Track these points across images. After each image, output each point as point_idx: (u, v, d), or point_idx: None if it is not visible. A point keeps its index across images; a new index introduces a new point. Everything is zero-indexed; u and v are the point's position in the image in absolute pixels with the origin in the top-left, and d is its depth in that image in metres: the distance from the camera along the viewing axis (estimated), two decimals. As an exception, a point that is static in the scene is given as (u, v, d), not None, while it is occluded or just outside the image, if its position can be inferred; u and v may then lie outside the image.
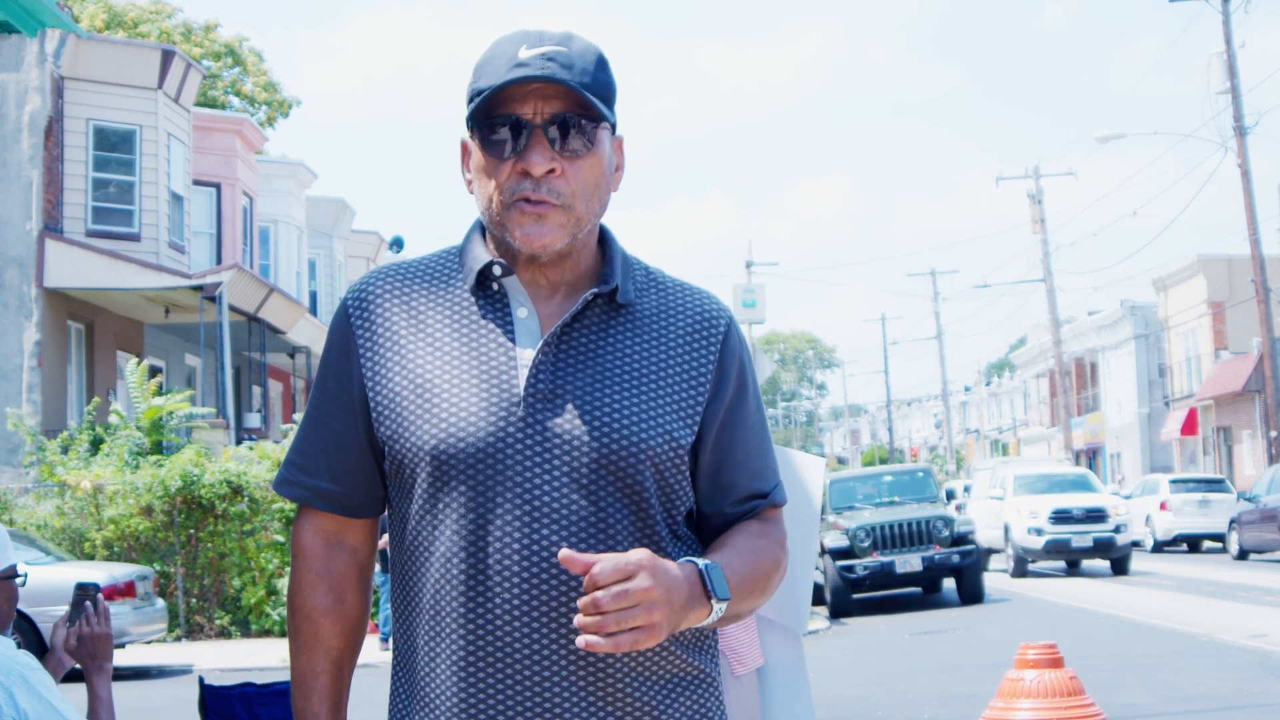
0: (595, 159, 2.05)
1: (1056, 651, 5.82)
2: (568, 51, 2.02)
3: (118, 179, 23.30)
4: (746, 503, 2.12)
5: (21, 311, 21.53)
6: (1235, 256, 43.85)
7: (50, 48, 22.09)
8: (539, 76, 1.99)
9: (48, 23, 8.58)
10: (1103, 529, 24.55)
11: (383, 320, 2.10)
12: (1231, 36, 32.54)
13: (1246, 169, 32.23)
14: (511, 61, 2.01)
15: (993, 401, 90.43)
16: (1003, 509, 26.18)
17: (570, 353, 2.04)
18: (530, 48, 2.01)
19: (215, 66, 39.93)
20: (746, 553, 2.05)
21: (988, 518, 26.73)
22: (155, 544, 18.62)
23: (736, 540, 2.07)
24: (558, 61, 2.00)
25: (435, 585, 2.02)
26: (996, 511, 26.55)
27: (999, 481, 27.94)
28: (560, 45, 2.03)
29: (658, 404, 2.04)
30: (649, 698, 2.01)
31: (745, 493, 2.12)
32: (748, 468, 2.12)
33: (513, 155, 2.01)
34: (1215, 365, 44.93)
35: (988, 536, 26.14)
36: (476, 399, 2.01)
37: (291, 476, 2.16)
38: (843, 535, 19.39)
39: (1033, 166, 48.36)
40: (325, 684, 2.13)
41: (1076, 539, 24.48)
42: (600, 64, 2.06)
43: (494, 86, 2.00)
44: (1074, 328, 58.98)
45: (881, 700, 11.23)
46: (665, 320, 2.11)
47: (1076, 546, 24.61)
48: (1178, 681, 11.33)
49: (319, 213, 34.14)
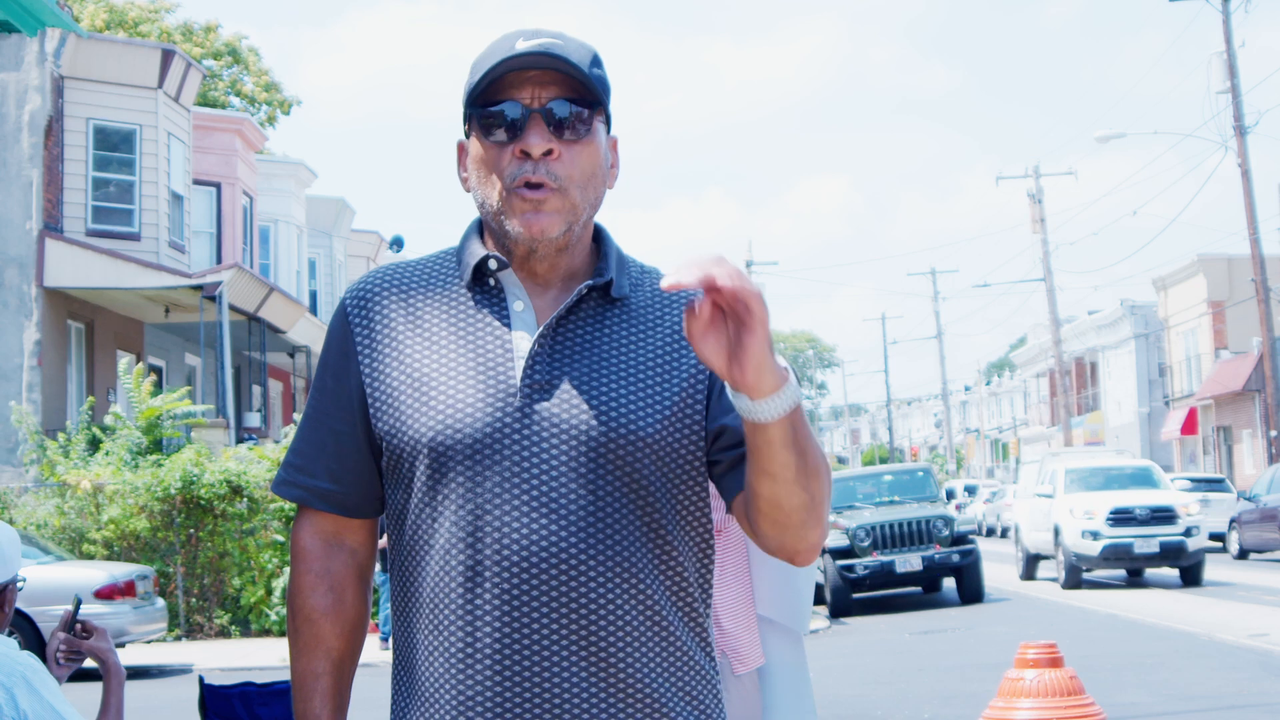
0: (591, 147, 2.08)
1: (1056, 651, 5.82)
2: (563, 44, 2.06)
3: (118, 178, 23.30)
4: None
5: (21, 311, 21.52)
6: (1235, 256, 43.87)
7: (50, 47, 22.09)
8: (536, 52, 2.02)
9: (48, 22, 8.58)
10: (1171, 532, 20.97)
11: (381, 319, 2.12)
12: (1231, 36, 32.55)
13: (1246, 168, 32.22)
14: (509, 54, 2.04)
15: (993, 401, 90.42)
16: (1052, 508, 22.48)
17: (566, 344, 2.06)
18: (526, 40, 2.05)
19: (215, 66, 39.93)
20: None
21: (1035, 518, 23.49)
22: (155, 543, 18.62)
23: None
24: (553, 52, 2.04)
25: (435, 578, 2.02)
26: (1045, 511, 22.85)
27: (1048, 476, 23.95)
28: (555, 39, 2.07)
29: (654, 393, 2.05)
30: (650, 687, 2.01)
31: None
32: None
33: (511, 141, 2.04)
34: (1215, 365, 44.92)
35: (1035, 541, 23.60)
36: (473, 390, 2.02)
37: (290, 477, 2.16)
38: (843, 535, 19.37)
39: (1033, 166, 48.38)
40: (326, 685, 2.13)
41: (1140, 544, 20.97)
42: (595, 60, 2.09)
43: (492, 69, 2.03)
44: (1074, 327, 58.99)
45: (882, 699, 11.23)
46: (660, 313, 2.13)
47: (1140, 553, 21.05)
48: (1178, 681, 11.32)
49: (319, 212, 34.15)
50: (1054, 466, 24.03)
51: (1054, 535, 22.22)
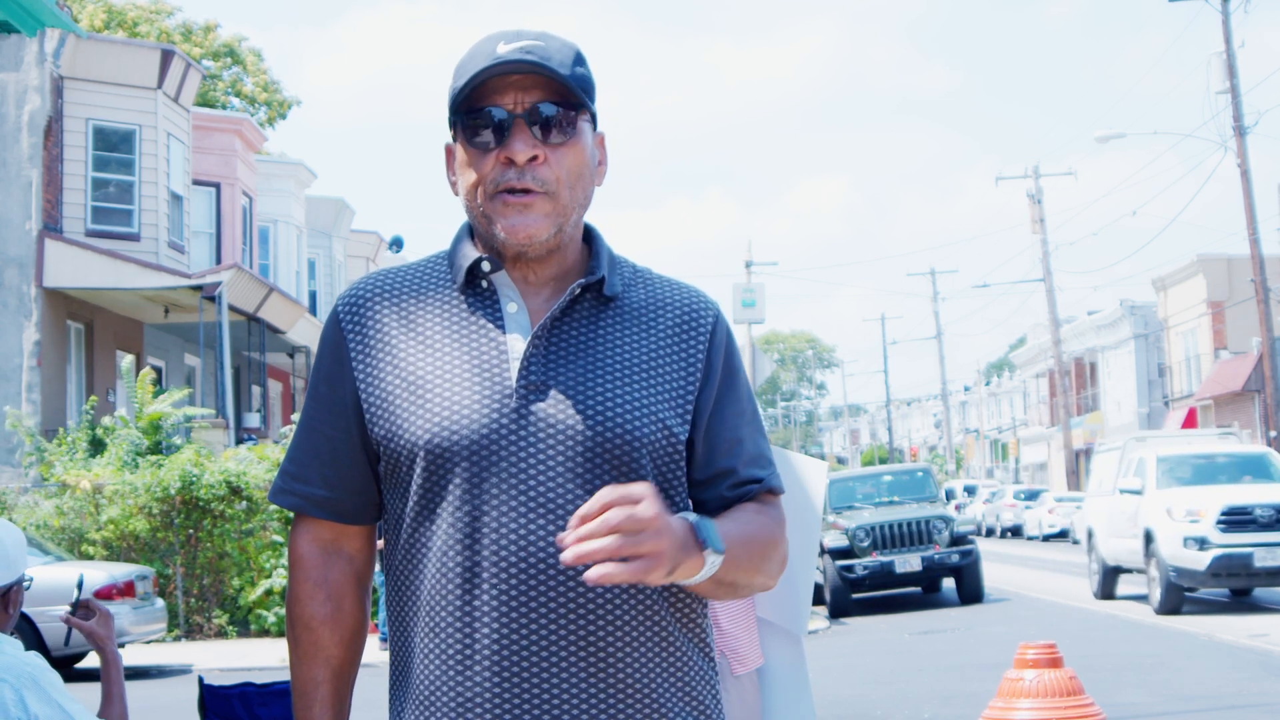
0: (577, 148, 2.07)
1: (1056, 651, 5.82)
2: (545, 45, 2.06)
3: (117, 179, 23.30)
4: (743, 487, 2.12)
5: (21, 311, 21.53)
6: (1235, 256, 43.87)
7: (50, 47, 22.09)
8: (517, 60, 2.02)
9: (47, 22, 8.58)
10: None
11: (374, 323, 2.11)
12: (1231, 36, 32.54)
13: (1246, 169, 32.22)
14: (490, 57, 2.04)
15: (992, 401, 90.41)
16: (1141, 508, 17.66)
17: (561, 345, 2.06)
18: (508, 43, 2.05)
19: (215, 66, 39.93)
20: (742, 522, 2.04)
21: (1116, 521, 18.54)
22: (154, 544, 18.62)
23: (734, 514, 2.07)
24: (535, 54, 2.03)
25: (432, 580, 2.02)
26: (1131, 512, 17.96)
27: (1134, 466, 18.74)
28: (538, 40, 2.06)
29: (649, 393, 2.05)
30: (648, 689, 2.01)
31: (741, 478, 2.12)
32: (742, 454, 2.13)
33: (496, 147, 2.04)
34: (1215, 365, 44.93)
35: (1115, 550, 18.81)
36: (469, 392, 2.02)
37: (286, 485, 2.16)
38: (842, 535, 19.38)
39: (1032, 166, 48.44)
40: (326, 693, 2.13)
41: (1263, 554, 16.19)
42: (578, 59, 2.09)
43: (473, 76, 2.03)
44: (1074, 327, 59.00)
45: (881, 700, 11.23)
46: (653, 313, 2.13)
47: (1263, 567, 16.29)
48: (1177, 681, 11.32)
49: (318, 212, 34.14)
50: (1140, 454, 18.90)
51: (1144, 543, 17.39)
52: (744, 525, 2.04)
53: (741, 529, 2.02)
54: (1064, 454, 54.00)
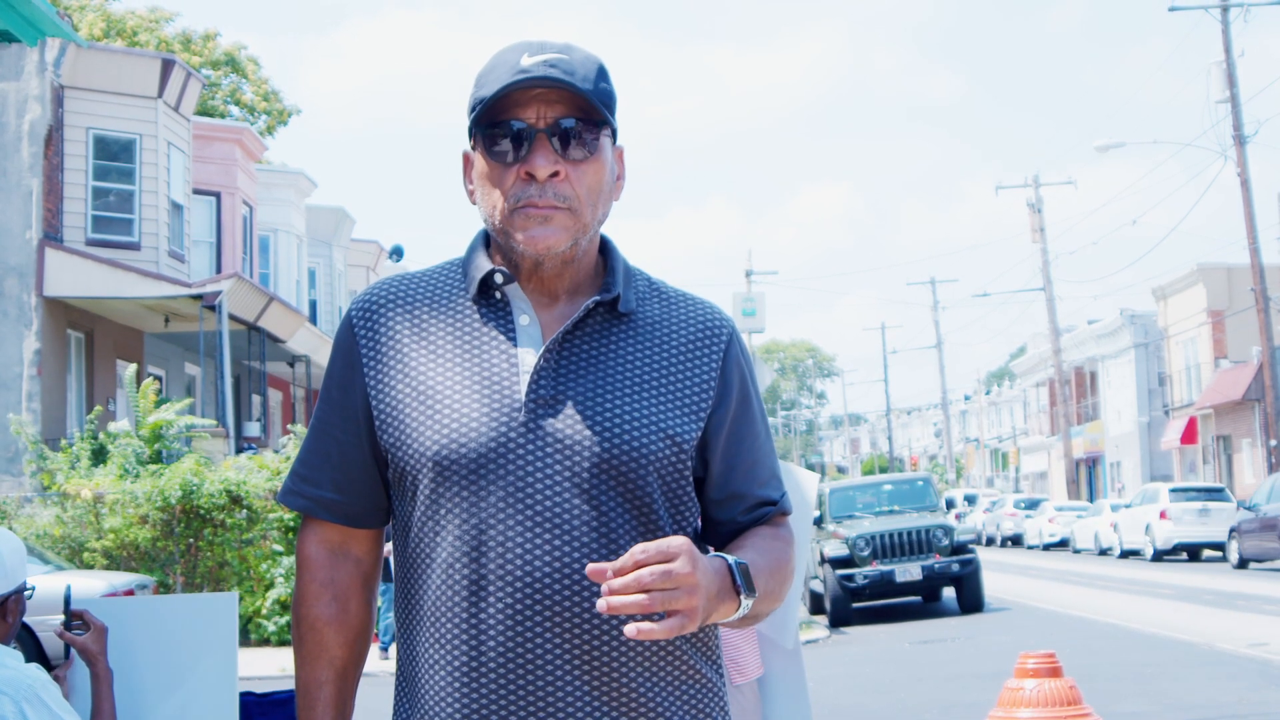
0: (598, 164, 2.06)
1: (1056, 660, 5.82)
2: (569, 59, 2.04)
3: (118, 188, 23.31)
4: (757, 510, 2.13)
5: (21, 320, 21.53)
6: (1235, 265, 43.90)
7: (50, 57, 22.11)
8: (542, 78, 2.00)
9: (48, 32, 8.59)
10: None
11: (386, 330, 2.11)
12: (1231, 46, 32.60)
13: (1246, 178, 32.26)
14: (514, 69, 2.02)
15: (992, 410, 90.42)
16: None
17: (572, 359, 2.05)
18: (532, 55, 2.03)
19: (214, 75, 39.97)
20: (767, 554, 2.05)
21: None
22: (155, 553, 18.62)
23: (756, 542, 2.08)
24: (560, 68, 2.02)
25: (437, 591, 2.02)
26: None
27: None
28: (562, 53, 2.05)
29: (660, 410, 2.05)
30: (655, 703, 2.01)
31: (756, 500, 2.13)
32: (757, 476, 2.14)
33: (517, 161, 2.03)
34: (1215, 374, 44.93)
35: None
36: (478, 404, 2.02)
37: (295, 487, 2.17)
38: (842, 544, 19.38)
39: (1032, 175, 48.50)
40: (329, 694, 2.14)
41: None
42: (601, 73, 2.07)
43: (498, 90, 2.01)
44: (1074, 336, 59.03)
45: (881, 709, 11.22)
46: (667, 329, 2.12)
47: None
48: (1177, 690, 11.32)
49: (319, 221, 34.16)
50: None
51: None
52: (767, 557, 2.05)
53: (767, 562, 2.03)
54: (1064, 463, 54.03)
